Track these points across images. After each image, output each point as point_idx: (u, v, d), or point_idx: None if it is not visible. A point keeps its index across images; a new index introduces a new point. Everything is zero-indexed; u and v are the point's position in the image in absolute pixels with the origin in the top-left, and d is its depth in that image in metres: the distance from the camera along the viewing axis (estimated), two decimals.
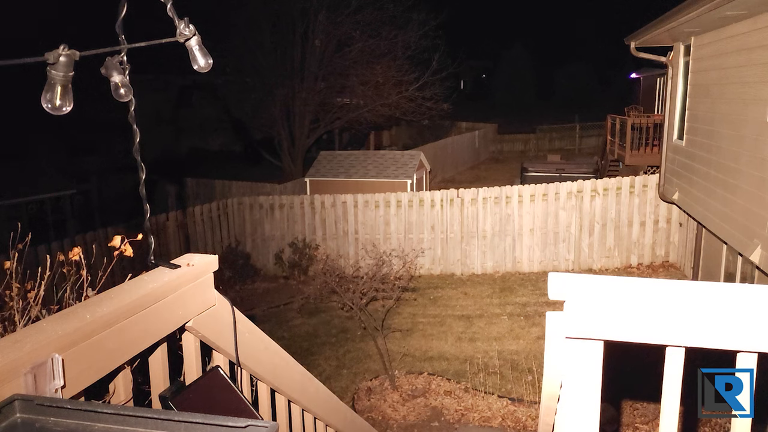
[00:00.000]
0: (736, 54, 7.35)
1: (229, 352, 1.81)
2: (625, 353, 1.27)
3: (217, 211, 13.36)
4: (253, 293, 11.81)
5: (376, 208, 12.17)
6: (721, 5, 6.30)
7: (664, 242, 11.14)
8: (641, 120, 14.01)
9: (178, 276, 1.55)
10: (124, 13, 1.44)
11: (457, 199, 11.75)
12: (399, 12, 20.16)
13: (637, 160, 13.86)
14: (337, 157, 16.90)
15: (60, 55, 1.22)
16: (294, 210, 12.88)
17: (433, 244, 11.94)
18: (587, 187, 11.26)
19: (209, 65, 1.54)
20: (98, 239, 10.44)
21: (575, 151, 29.31)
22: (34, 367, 1.11)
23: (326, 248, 12.11)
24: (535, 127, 31.96)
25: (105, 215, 18.79)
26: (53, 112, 1.27)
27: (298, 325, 9.87)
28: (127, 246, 1.97)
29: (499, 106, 46.27)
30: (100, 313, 1.30)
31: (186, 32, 1.47)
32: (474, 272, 11.81)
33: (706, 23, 7.80)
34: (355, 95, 21.05)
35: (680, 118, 9.87)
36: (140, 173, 1.58)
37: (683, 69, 9.77)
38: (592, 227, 11.31)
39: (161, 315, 1.47)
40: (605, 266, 11.36)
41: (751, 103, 6.69)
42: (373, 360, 8.28)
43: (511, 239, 11.62)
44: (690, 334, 1.14)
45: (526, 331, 8.89)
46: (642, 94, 21.50)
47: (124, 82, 1.45)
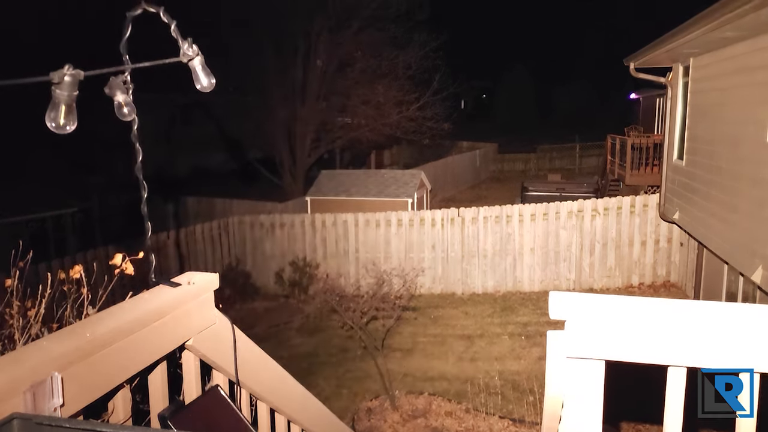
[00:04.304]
0: (735, 75, 7.40)
1: (228, 371, 1.80)
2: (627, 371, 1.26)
3: (217, 229, 13.36)
4: (253, 312, 11.76)
5: (377, 227, 12.17)
6: (720, 27, 6.36)
7: (665, 262, 11.12)
8: (641, 140, 14.06)
9: (178, 294, 1.55)
10: (128, 33, 1.45)
11: (457, 218, 11.76)
12: (400, 33, 20.35)
13: (637, 179, 13.89)
14: (338, 176, 16.95)
15: (65, 75, 1.24)
16: (295, 229, 12.88)
17: (434, 263, 11.92)
18: (588, 207, 11.27)
19: (212, 85, 1.55)
20: (99, 257, 10.43)
21: (575, 171, 29.37)
22: (34, 385, 1.11)
23: (327, 267, 12.09)
24: (536, 146, 32.07)
25: (106, 233, 18.79)
26: (57, 131, 1.28)
27: (298, 345, 9.81)
28: (128, 264, 1.97)
29: (499, 126, 46.48)
30: (100, 332, 1.29)
31: (189, 52, 1.49)
32: (475, 291, 11.77)
33: (705, 44, 7.87)
34: (356, 115, 21.15)
35: (680, 138, 9.91)
36: (142, 191, 1.59)
37: (682, 89, 9.83)
38: (593, 247, 11.30)
39: (162, 333, 1.47)
40: (606, 286, 11.33)
41: (750, 123, 6.72)
42: (373, 380, 8.22)
43: (512, 258, 11.60)
44: (692, 354, 1.14)
45: (528, 351, 8.84)
46: (642, 114, 21.61)
47: (127, 102, 1.47)
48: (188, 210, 19.89)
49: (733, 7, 5.61)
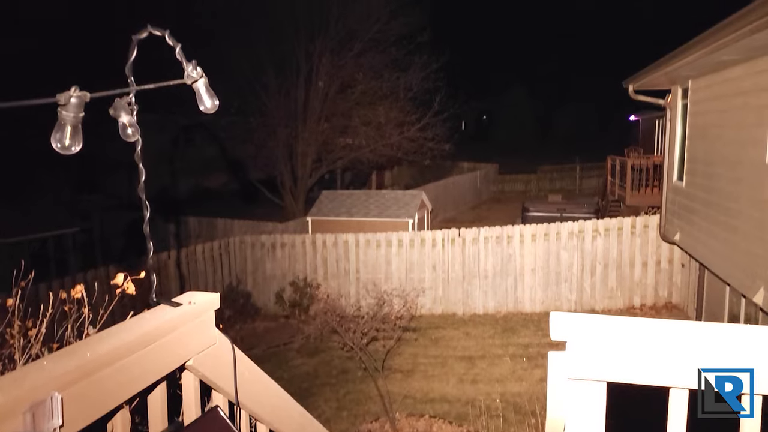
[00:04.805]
0: (734, 97, 7.45)
1: (228, 391, 1.79)
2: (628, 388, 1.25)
3: (218, 249, 13.36)
4: (254, 332, 11.70)
5: (378, 247, 12.17)
6: (717, 50, 6.43)
7: (667, 283, 11.09)
8: (641, 161, 14.11)
9: (179, 314, 1.55)
10: (134, 55, 1.47)
11: (458, 239, 11.75)
12: (401, 55, 20.56)
13: (637, 200, 13.91)
14: (339, 197, 16.98)
15: (71, 97, 1.25)
16: (295, 249, 12.88)
17: (435, 283, 11.88)
18: (588, 228, 11.27)
19: (215, 106, 1.57)
20: (99, 277, 10.42)
21: (576, 192, 29.41)
22: (33, 405, 1.10)
23: (327, 287, 12.06)
24: (536, 167, 32.17)
25: (107, 253, 18.79)
26: (62, 152, 1.29)
27: (298, 366, 9.75)
28: (130, 284, 1.97)
29: (500, 147, 46.66)
30: (100, 351, 1.29)
31: (194, 74, 1.50)
32: (476, 312, 11.72)
33: (703, 67, 7.93)
34: (357, 135, 21.27)
35: (680, 160, 9.94)
36: (145, 211, 1.59)
37: (681, 111, 9.89)
38: (594, 267, 11.27)
39: (162, 353, 1.47)
40: (608, 307, 11.28)
41: (749, 145, 6.75)
42: (373, 401, 8.15)
43: (513, 279, 11.58)
44: (694, 376, 1.14)
45: (529, 373, 8.77)
46: (641, 135, 21.70)
47: (131, 123, 1.48)
48: (190, 230, 19.91)
49: (729, 32, 5.68)
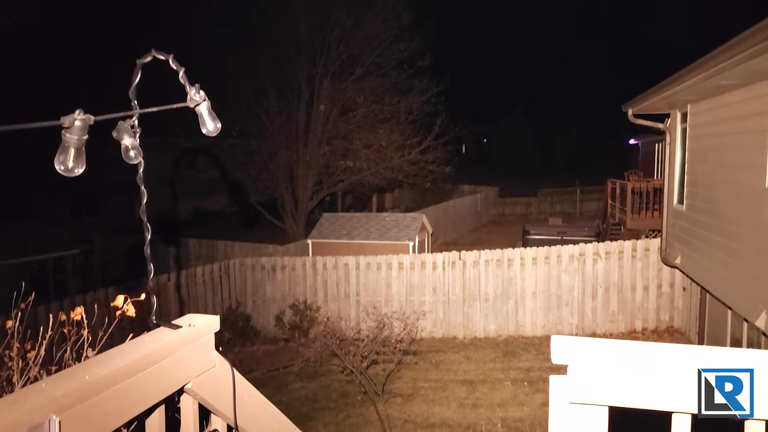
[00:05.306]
0: (733, 121, 7.50)
1: (227, 415, 1.78)
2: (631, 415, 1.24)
3: (218, 271, 13.33)
4: (253, 356, 11.62)
5: (378, 270, 12.14)
6: (715, 75, 6.48)
7: (668, 307, 11.04)
8: (641, 185, 14.16)
9: (179, 337, 1.54)
10: (138, 79, 1.49)
11: (459, 262, 11.73)
12: (402, 79, 20.75)
13: (638, 223, 13.91)
14: (340, 219, 16.99)
15: (75, 120, 1.26)
16: (296, 271, 12.85)
17: (435, 306, 11.83)
18: (589, 251, 11.25)
19: (218, 129, 1.59)
20: (99, 299, 10.38)
21: (576, 215, 29.43)
22: (31, 428, 1.09)
23: (327, 310, 12.01)
24: (537, 190, 32.26)
25: (106, 275, 18.74)
26: (66, 174, 1.30)
27: (297, 389, 9.66)
28: (130, 305, 1.97)
29: (500, 170, 46.85)
30: (99, 374, 1.28)
31: (196, 98, 1.52)
32: (476, 336, 11.65)
33: (702, 91, 7.99)
34: (358, 158, 21.38)
35: (680, 183, 9.97)
36: (146, 233, 1.60)
37: (681, 135, 9.94)
38: (595, 291, 11.23)
39: (162, 376, 1.46)
40: (609, 330, 11.21)
41: (749, 169, 6.77)
42: (373, 426, 8.06)
43: (514, 302, 11.53)
44: (696, 401, 1.13)
45: (530, 398, 8.68)
46: (641, 159, 21.81)
47: (134, 145, 1.50)
48: (190, 252, 19.89)
49: (727, 57, 5.73)
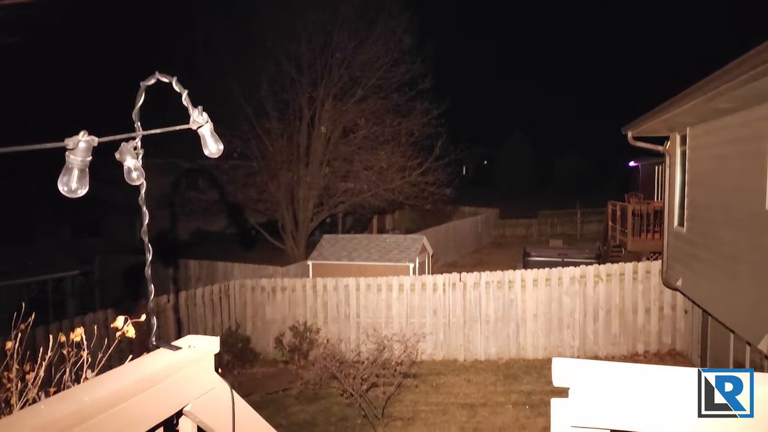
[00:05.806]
0: (732, 144, 7.52)
1: None
2: None
3: (218, 293, 13.28)
4: (252, 378, 11.53)
5: (378, 291, 12.10)
6: (714, 98, 6.53)
7: (670, 329, 10.97)
8: (641, 207, 14.18)
9: (178, 358, 1.54)
10: (141, 101, 1.51)
11: (459, 283, 11.69)
12: (403, 101, 20.90)
13: (639, 245, 13.90)
14: (340, 241, 16.98)
15: (79, 141, 1.28)
16: (296, 293, 12.81)
17: (435, 328, 11.77)
18: (590, 273, 11.22)
19: (220, 151, 1.60)
20: (98, 321, 10.34)
21: (577, 237, 29.43)
22: None
23: (327, 332, 11.94)
24: (537, 212, 32.29)
25: (106, 296, 18.68)
26: (69, 195, 1.31)
27: (296, 412, 9.57)
28: (130, 326, 1.96)
29: (501, 191, 46.94)
30: (98, 396, 1.28)
31: (199, 120, 1.54)
32: (477, 358, 11.56)
33: (700, 114, 8.04)
34: (359, 180, 21.44)
35: (680, 206, 9.98)
36: (147, 254, 1.60)
37: (680, 158, 9.98)
38: (597, 313, 11.17)
39: (161, 398, 1.45)
40: (611, 353, 11.13)
41: (749, 191, 6.78)
42: None
43: (515, 324, 11.46)
44: (698, 424, 1.12)
45: (532, 422, 8.59)
46: (641, 181, 21.86)
47: (137, 167, 1.51)
48: (190, 273, 19.83)
49: (725, 80, 5.78)
